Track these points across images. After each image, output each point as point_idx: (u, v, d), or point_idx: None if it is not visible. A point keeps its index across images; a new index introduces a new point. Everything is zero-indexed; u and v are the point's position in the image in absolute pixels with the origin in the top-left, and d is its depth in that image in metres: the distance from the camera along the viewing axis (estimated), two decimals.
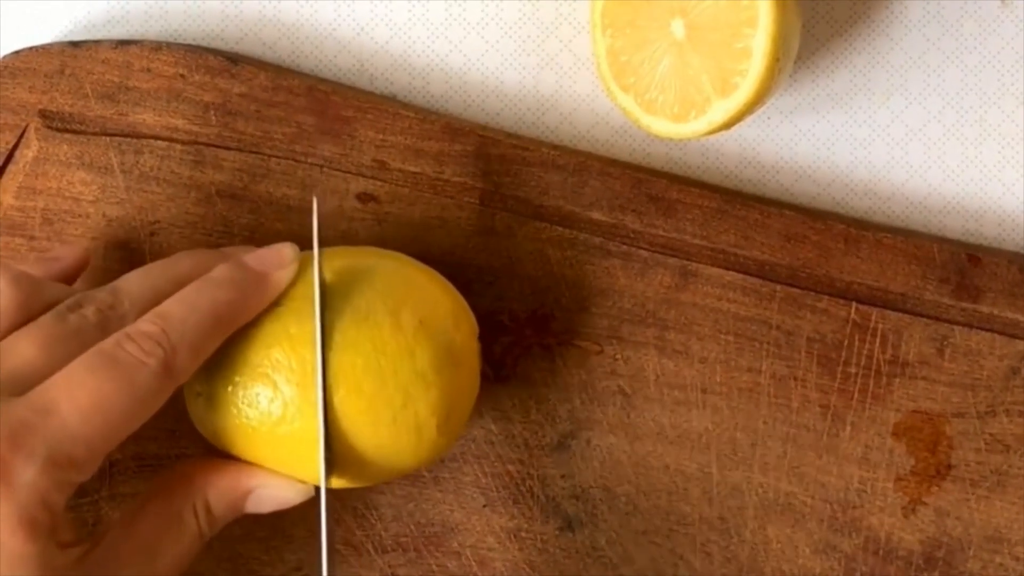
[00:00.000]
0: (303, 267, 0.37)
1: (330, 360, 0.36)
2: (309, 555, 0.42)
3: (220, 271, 0.36)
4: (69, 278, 0.38)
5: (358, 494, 0.42)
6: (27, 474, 0.30)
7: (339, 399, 0.36)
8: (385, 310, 0.36)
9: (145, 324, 0.34)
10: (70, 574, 0.32)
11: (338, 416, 0.36)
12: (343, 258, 0.38)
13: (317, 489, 0.37)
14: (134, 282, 0.36)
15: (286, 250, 0.37)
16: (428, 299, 0.38)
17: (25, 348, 0.33)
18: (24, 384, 0.32)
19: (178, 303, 0.34)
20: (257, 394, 0.36)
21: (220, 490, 0.36)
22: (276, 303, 0.36)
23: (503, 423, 0.43)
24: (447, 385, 0.37)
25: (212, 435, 0.37)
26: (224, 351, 0.36)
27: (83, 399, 0.32)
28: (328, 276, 0.37)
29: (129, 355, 0.33)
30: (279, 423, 0.36)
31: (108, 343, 0.33)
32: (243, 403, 0.36)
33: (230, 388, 0.36)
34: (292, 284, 0.37)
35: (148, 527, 0.35)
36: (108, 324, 0.34)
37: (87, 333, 0.34)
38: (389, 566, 0.43)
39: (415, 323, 0.36)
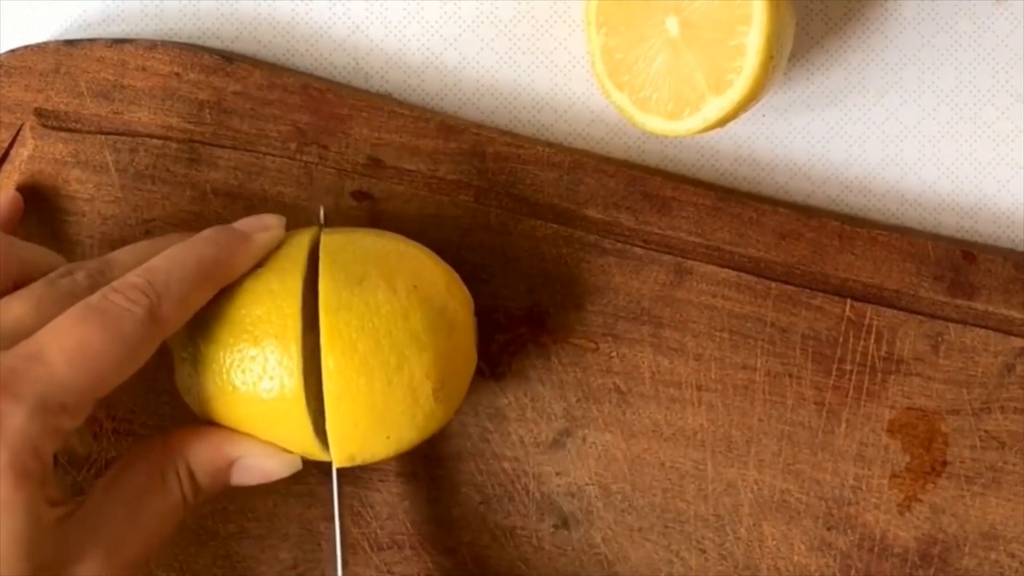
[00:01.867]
0: (289, 238, 0.38)
1: (323, 320, 0.36)
2: (305, 553, 0.42)
3: (205, 232, 0.37)
4: (5, 227, 0.39)
5: (354, 492, 0.42)
6: (16, 419, 0.31)
7: (334, 359, 0.36)
8: (379, 274, 0.37)
9: (131, 276, 0.34)
10: (54, 531, 0.32)
11: (333, 376, 0.36)
12: (338, 233, 0.39)
13: (315, 464, 0.37)
14: (124, 255, 0.37)
15: (270, 217, 0.38)
16: (422, 268, 0.38)
17: (15, 308, 0.34)
18: (13, 339, 0.32)
19: (163, 258, 0.35)
20: (240, 351, 0.36)
21: (203, 457, 0.36)
22: (259, 265, 0.37)
23: (498, 421, 0.43)
24: (441, 349, 0.37)
25: (198, 402, 0.37)
26: (208, 312, 0.36)
27: (70, 346, 0.32)
28: (322, 245, 0.37)
29: (115, 304, 0.33)
30: (260, 378, 0.36)
31: (94, 296, 0.33)
32: (226, 361, 0.36)
33: (212, 347, 0.36)
34: (276, 249, 0.37)
35: (130, 488, 0.35)
36: (97, 288, 0.34)
37: (77, 295, 0.34)
38: (385, 564, 0.43)
39: (409, 287, 0.37)
